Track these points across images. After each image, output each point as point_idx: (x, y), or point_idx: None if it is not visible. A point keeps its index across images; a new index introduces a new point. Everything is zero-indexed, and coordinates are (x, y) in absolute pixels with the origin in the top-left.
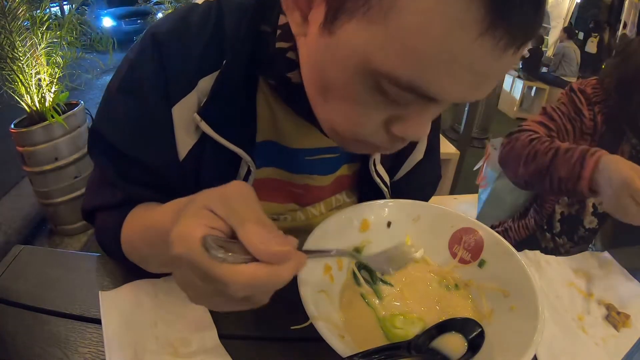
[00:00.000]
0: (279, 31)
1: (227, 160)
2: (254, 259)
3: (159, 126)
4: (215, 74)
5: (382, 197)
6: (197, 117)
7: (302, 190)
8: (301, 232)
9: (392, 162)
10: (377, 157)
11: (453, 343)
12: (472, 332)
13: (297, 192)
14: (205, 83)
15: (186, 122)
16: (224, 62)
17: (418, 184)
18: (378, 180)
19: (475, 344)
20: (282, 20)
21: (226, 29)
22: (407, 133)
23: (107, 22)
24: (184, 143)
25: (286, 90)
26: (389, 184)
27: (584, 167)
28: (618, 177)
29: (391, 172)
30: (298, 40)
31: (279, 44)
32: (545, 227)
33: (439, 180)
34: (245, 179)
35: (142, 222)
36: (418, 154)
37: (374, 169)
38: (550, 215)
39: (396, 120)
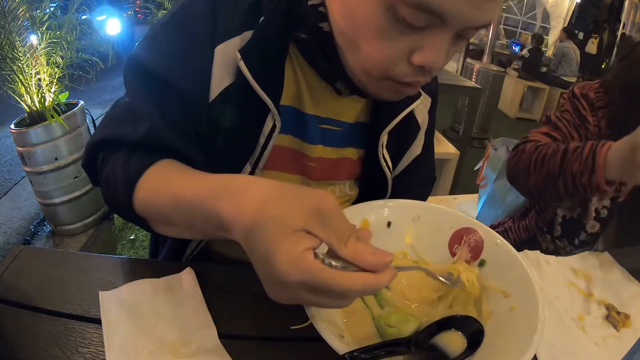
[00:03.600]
0: None
1: (254, 113)
2: (358, 267)
3: (201, 59)
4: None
5: (385, 183)
6: (238, 55)
7: (314, 163)
8: None
9: (395, 150)
10: (384, 139)
11: (453, 340)
12: (471, 329)
13: (308, 165)
14: (248, 37)
15: (225, 64)
16: (261, 19)
17: (415, 182)
18: (384, 164)
19: (474, 342)
20: None
21: None
22: (426, 60)
23: None
24: (219, 83)
25: (317, 41)
26: (392, 170)
27: (597, 156)
28: (628, 143)
29: (392, 163)
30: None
31: (311, 2)
32: (546, 229)
33: (433, 182)
34: (269, 137)
35: (170, 191)
36: (416, 149)
37: (381, 152)
38: (551, 218)
39: (416, 50)
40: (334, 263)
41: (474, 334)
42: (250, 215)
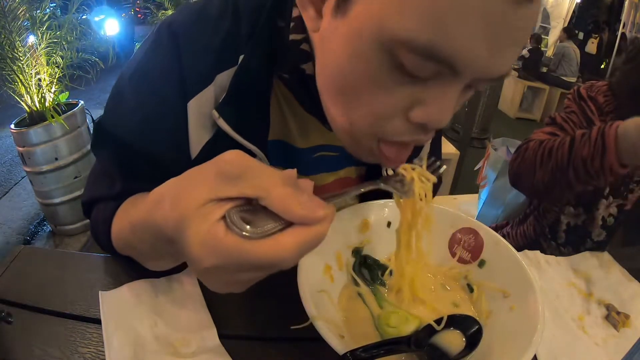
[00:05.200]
0: (292, 24)
1: None
2: (286, 221)
3: (173, 120)
4: (233, 69)
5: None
6: (216, 114)
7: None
8: None
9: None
10: None
11: (452, 339)
12: (470, 328)
13: None
14: (223, 78)
15: (202, 117)
16: (241, 57)
17: None
18: None
19: (473, 341)
20: (295, 13)
21: (243, 25)
22: (429, 118)
23: None
24: (198, 139)
25: (299, 83)
26: None
27: (606, 137)
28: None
29: None
30: (313, 37)
31: (292, 36)
32: (549, 235)
33: (439, 186)
34: None
35: (128, 220)
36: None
37: (385, 173)
38: (554, 225)
39: (417, 105)
40: (249, 228)
41: (472, 332)
42: (167, 207)
